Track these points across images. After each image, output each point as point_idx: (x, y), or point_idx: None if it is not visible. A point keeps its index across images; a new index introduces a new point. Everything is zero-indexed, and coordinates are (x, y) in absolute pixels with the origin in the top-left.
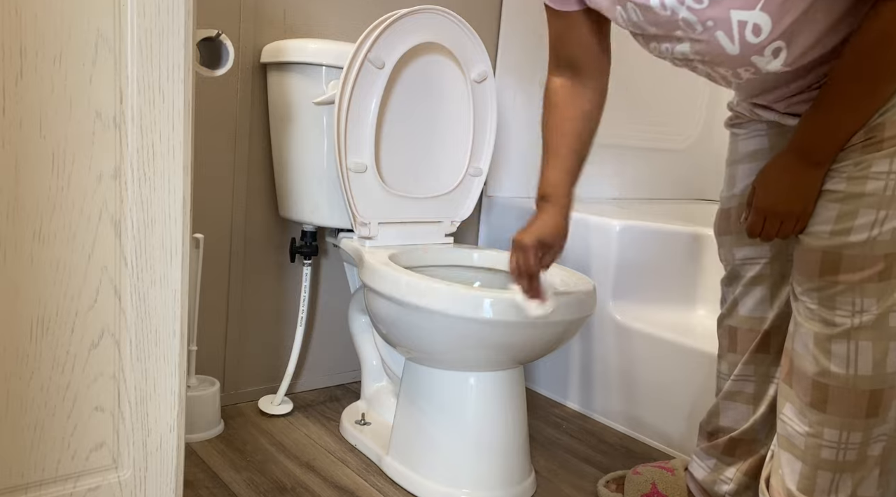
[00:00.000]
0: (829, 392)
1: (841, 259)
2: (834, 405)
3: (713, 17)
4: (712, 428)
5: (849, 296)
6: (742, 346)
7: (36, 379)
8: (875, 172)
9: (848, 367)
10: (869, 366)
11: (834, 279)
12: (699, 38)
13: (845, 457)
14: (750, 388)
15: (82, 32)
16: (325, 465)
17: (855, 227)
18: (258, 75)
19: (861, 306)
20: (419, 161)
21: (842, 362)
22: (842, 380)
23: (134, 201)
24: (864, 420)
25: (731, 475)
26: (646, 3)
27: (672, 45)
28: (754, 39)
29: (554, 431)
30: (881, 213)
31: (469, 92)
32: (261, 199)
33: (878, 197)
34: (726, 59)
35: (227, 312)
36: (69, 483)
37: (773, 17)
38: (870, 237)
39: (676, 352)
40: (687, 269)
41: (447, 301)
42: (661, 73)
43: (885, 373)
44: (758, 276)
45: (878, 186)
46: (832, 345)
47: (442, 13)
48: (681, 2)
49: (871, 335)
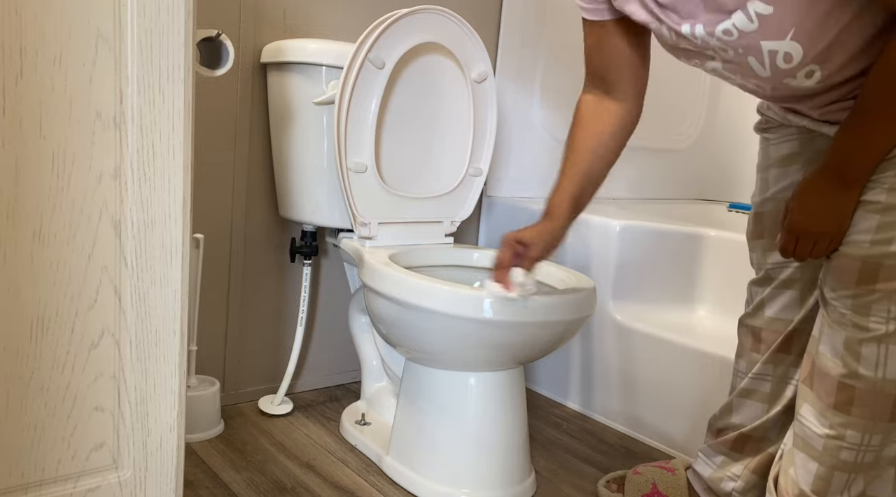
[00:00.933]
0: (855, 394)
1: (880, 268)
2: (860, 407)
3: (744, 45)
4: (723, 424)
5: (885, 303)
6: (765, 347)
7: (36, 379)
8: None
9: (877, 370)
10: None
11: (871, 288)
12: (731, 59)
13: (864, 459)
14: (766, 387)
15: (82, 32)
16: (325, 465)
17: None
18: (258, 75)
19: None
20: (419, 161)
21: (871, 365)
22: (870, 382)
23: (134, 201)
24: (887, 423)
25: (738, 472)
26: (678, 29)
27: (703, 62)
28: (785, 65)
29: (554, 431)
30: None
31: (469, 92)
32: (261, 199)
33: None
34: (760, 79)
35: (227, 312)
36: (69, 483)
37: (805, 46)
38: None
39: (676, 352)
40: (687, 269)
41: (447, 301)
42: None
43: None
44: (788, 279)
45: None
46: (862, 348)
47: (442, 13)
48: (710, 34)
49: None
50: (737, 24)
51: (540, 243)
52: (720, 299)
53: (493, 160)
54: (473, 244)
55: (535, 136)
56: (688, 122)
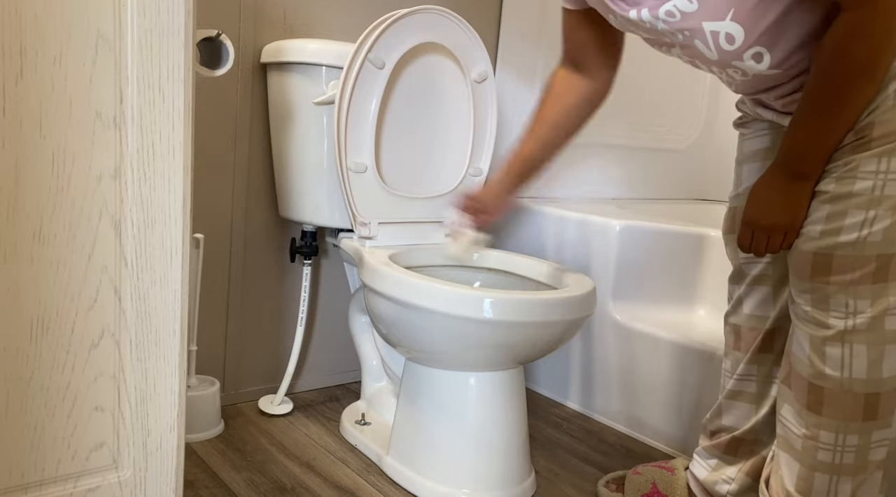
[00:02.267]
0: (824, 394)
1: (832, 260)
2: (829, 408)
3: (688, 27)
4: (715, 427)
5: (842, 297)
6: (745, 345)
7: (36, 379)
8: (863, 172)
9: (842, 370)
10: (864, 369)
11: (826, 280)
12: (683, 44)
13: (842, 460)
14: (752, 387)
15: (82, 32)
16: (325, 465)
17: (845, 227)
18: (258, 75)
19: (854, 308)
20: (419, 161)
21: (836, 365)
22: (836, 383)
23: (134, 201)
24: (861, 423)
25: (732, 475)
26: (626, 15)
27: (667, 49)
28: (729, 47)
29: (554, 431)
30: (870, 212)
31: (469, 92)
32: (261, 199)
33: (866, 197)
34: (712, 63)
35: (227, 312)
36: (69, 483)
37: (745, 27)
38: (860, 237)
39: (676, 352)
40: (687, 269)
41: (447, 301)
42: (661, 74)
43: (881, 377)
44: (760, 275)
45: (866, 186)
46: (826, 347)
47: (442, 13)
48: (655, 16)
49: (866, 338)
50: (677, 4)
51: (492, 203)
52: (720, 299)
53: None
54: None
55: None
56: (688, 122)
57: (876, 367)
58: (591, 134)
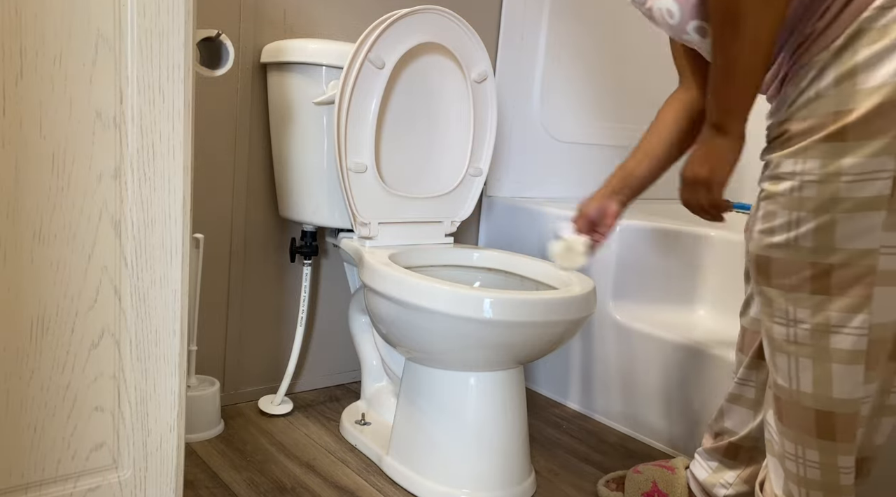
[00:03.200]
0: (781, 405)
1: (770, 263)
2: (787, 418)
3: (646, 5)
4: (718, 428)
5: (782, 303)
6: (748, 347)
7: (36, 379)
8: (784, 172)
9: (790, 382)
10: (809, 384)
11: (767, 282)
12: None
13: (807, 474)
14: (751, 393)
15: (82, 32)
16: (325, 465)
17: (776, 228)
18: (258, 75)
19: (794, 316)
20: (419, 161)
21: (785, 376)
22: (787, 393)
23: (134, 201)
24: (818, 440)
25: (731, 479)
26: None
27: None
28: (671, 21)
29: (554, 431)
30: (793, 214)
31: (469, 92)
32: (261, 199)
33: (788, 197)
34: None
35: (227, 312)
36: (69, 483)
37: (679, 2)
38: (789, 239)
39: (676, 352)
40: (687, 269)
41: (447, 301)
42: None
43: (831, 397)
44: None
45: (787, 187)
46: (776, 358)
47: (442, 13)
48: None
49: (811, 353)
50: None
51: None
52: (720, 299)
53: (492, 160)
54: (473, 244)
55: (535, 136)
56: None
57: (824, 385)
58: (591, 134)
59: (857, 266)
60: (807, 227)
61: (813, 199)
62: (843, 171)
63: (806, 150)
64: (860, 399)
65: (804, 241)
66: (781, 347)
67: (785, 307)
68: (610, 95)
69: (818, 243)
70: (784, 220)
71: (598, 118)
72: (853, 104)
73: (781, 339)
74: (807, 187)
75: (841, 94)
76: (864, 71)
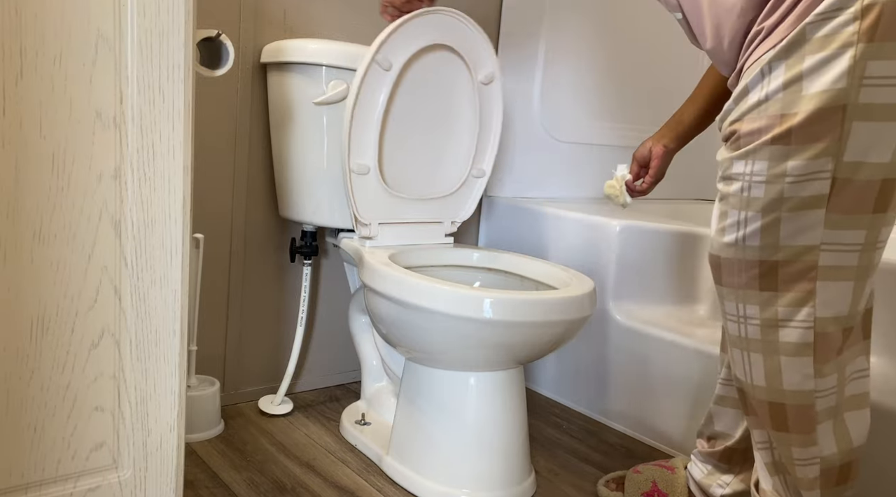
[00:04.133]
0: (744, 396)
1: (721, 263)
2: (748, 409)
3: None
4: (710, 432)
5: (733, 301)
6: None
7: (36, 379)
8: (735, 173)
9: (746, 376)
10: (762, 377)
11: (720, 281)
12: None
13: (782, 459)
14: (735, 392)
15: (82, 32)
16: (325, 465)
17: (727, 228)
18: (258, 75)
19: (744, 313)
20: (423, 162)
21: (741, 370)
22: (744, 386)
23: (134, 201)
24: (775, 432)
25: (727, 480)
26: None
27: None
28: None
29: (554, 431)
30: (742, 214)
31: (475, 93)
32: (261, 199)
33: (739, 198)
34: None
35: (227, 312)
36: (69, 483)
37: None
38: (737, 238)
39: (676, 351)
40: (687, 269)
41: (447, 301)
42: (661, 73)
43: (782, 389)
44: None
45: (738, 187)
46: (733, 353)
47: (451, 14)
48: None
49: (760, 348)
50: None
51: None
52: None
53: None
54: (473, 244)
55: (535, 137)
56: None
57: (775, 377)
58: (592, 134)
59: (800, 262)
60: (754, 226)
61: (760, 199)
62: (788, 172)
63: (755, 151)
64: (812, 391)
65: (752, 240)
66: (735, 343)
67: (735, 304)
68: (610, 95)
69: (765, 242)
70: (734, 219)
71: (598, 118)
72: (797, 108)
73: (735, 336)
74: (755, 188)
75: (787, 98)
76: (809, 77)
